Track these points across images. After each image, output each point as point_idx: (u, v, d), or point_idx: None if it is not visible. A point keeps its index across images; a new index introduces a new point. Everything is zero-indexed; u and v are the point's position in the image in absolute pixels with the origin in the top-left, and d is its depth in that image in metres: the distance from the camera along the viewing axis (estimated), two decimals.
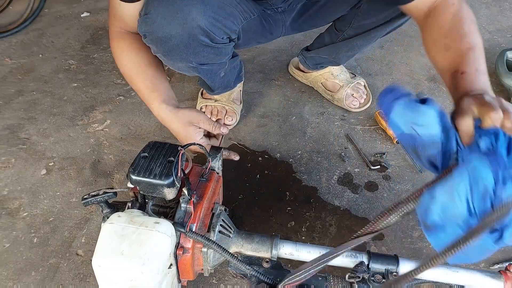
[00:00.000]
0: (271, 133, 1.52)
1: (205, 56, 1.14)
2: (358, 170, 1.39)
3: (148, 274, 0.76)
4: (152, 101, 1.11)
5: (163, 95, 1.11)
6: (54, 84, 1.76)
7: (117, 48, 1.15)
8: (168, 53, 1.09)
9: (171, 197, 0.87)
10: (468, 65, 0.85)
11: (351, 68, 1.72)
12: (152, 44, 1.09)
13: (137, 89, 1.16)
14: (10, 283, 1.13)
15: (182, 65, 1.16)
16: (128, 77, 1.16)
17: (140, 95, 1.15)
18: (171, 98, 1.13)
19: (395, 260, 0.91)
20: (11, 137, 1.54)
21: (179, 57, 1.11)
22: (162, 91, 1.12)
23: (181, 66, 1.17)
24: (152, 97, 1.11)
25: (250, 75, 1.74)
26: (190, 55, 1.11)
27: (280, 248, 0.95)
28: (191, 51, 1.09)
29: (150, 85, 1.12)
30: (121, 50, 1.15)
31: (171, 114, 1.10)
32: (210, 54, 1.14)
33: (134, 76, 1.14)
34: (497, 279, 0.91)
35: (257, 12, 1.26)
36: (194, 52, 1.10)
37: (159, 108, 1.11)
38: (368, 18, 1.30)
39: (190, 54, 1.10)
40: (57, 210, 1.30)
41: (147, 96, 1.13)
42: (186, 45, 1.07)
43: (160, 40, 1.06)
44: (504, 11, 2.05)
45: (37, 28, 2.09)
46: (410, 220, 1.25)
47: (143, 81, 1.13)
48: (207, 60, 1.16)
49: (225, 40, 1.14)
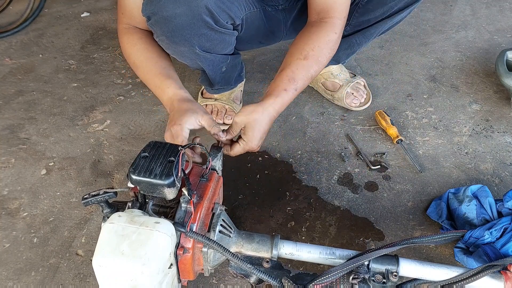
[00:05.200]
0: (271, 133, 1.52)
1: (209, 40, 1.14)
2: (358, 170, 1.39)
3: (148, 274, 0.76)
4: (168, 86, 1.10)
5: (178, 83, 1.11)
6: (54, 84, 1.76)
7: (127, 43, 1.16)
8: (171, 33, 1.09)
9: (172, 197, 0.87)
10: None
11: (351, 68, 1.72)
12: (156, 26, 1.10)
13: (149, 77, 1.14)
14: (10, 283, 1.13)
15: (186, 50, 1.16)
16: (140, 67, 1.16)
17: (152, 82, 1.14)
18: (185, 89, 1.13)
19: (395, 260, 0.91)
20: (11, 137, 1.54)
21: (183, 39, 1.11)
22: (176, 79, 1.12)
23: (185, 51, 1.17)
24: (167, 84, 1.10)
25: (250, 75, 1.74)
26: (193, 37, 1.11)
27: (281, 248, 0.95)
28: (195, 32, 1.09)
29: (164, 72, 1.12)
30: (131, 44, 1.16)
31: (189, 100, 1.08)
32: (213, 39, 1.15)
33: (146, 66, 1.14)
34: (497, 279, 0.91)
35: (258, 7, 1.29)
36: (198, 34, 1.10)
37: (176, 92, 1.08)
38: (366, 15, 1.32)
39: (194, 36, 1.10)
40: (57, 210, 1.30)
41: (160, 83, 1.11)
42: (190, 25, 1.07)
43: (165, 19, 1.06)
44: (504, 11, 2.06)
45: (37, 28, 2.09)
46: (410, 220, 1.25)
47: (157, 69, 1.13)
48: (210, 45, 1.17)
49: (229, 25, 1.15)
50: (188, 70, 1.76)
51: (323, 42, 1.12)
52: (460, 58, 1.80)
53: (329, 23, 1.13)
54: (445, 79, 1.70)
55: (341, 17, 1.15)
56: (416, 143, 1.46)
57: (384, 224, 1.24)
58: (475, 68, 1.74)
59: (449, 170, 1.37)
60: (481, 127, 1.50)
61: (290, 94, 1.08)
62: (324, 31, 1.13)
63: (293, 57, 1.11)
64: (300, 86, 1.09)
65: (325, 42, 1.12)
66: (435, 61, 1.79)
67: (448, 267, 0.92)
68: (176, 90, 1.09)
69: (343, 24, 1.16)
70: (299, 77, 1.09)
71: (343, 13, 1.15)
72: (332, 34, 1.13)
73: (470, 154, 1.42)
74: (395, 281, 0.89)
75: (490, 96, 1.62)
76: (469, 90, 1.65)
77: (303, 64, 1.09)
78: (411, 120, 1.54)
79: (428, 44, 1.88)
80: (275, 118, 1.09)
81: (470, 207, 1.16)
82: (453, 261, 1.13)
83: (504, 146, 1.44)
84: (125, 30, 1.17)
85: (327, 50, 1.13)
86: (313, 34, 1.13)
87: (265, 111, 1.05)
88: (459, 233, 1.07)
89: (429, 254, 1.17)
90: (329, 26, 1.13)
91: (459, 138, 1.47)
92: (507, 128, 1.49)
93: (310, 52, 1.10)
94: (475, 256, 1.05)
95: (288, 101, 1.09)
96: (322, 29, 1.13)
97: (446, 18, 2.02)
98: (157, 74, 1.12)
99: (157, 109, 1.62)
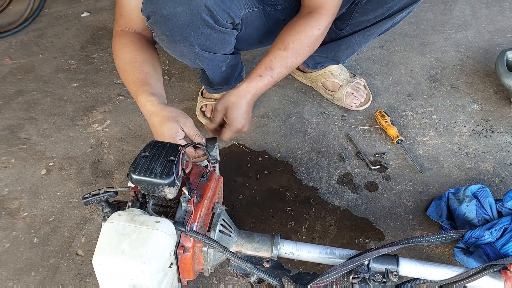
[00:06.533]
0: (271, 133, 1.52)
1: (208, 40, 1.14)
2: (358, 170, 1.39)
3: (149, 273, 0.76)
4: (141, 93, 1.06)
5: (153, 90, 1.08)
6: (54, 84, 1.76)
7: (118, 44, 1.16)
8: (171, 32, 1.09)
9: (172, 197, 0.87)
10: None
11: (351, 68, 1.73)
12: (155, 25, 1.10)
13: (128, 82, 1.12)
14: (10, 283, 1.13)
15: (185, 49, 1.16)
16: (122, 70, 1.15)
17: (129, 88, 1.12)
18: (161, 96, 1.09)
19: (395, 260, 0.91)
20: (11, 137, 1.54)
21: (182, 38, 1.11)
22: (153, 86, 1.09)
23: (184, 51, 1.17)
24: (141, 90, 1.07)
25: None
26: (193, 36, 1.11)
27: (281, 248, 0.95)
28: (194, 31, 1.10)
29: (142, 78, 1.09)
30: (121, 46, 1.16)
31: (159, 107, 1.04)
32: (213, 39, 1.15)
33: (127, 69, 1.13)
34: (497, 279, 0.91)
35: (258, 7, 1.29)
36: (197, 33, 1.10)
37: (146, 100, 1.05)
38: (366, 14, 1.32)
39: (193, 35, 1.11)
40: (57, 210, 1.30)
41: (135, 89, 1.08)
42: (190, 24, 1.07)
43: (164, 18, 1.06)
44: (504, 11, 2.06)
45: (37, 28, 2.09)
46: (410, 220, 1.25)
47: (135, 74, 1.10)
48: (210, 44, 1.17)
49: (228, 24, 1.16)
50: (188, 70, 1.76)
51: (305, 36, 1.18)
52: (460, 58, 1.80)
53: (315, 18, 1.18)
54: (445, 79, 1.70)
55: (329, 14, 1.18)
56: (416, 143, 1.46)
57: (384, 224, 1.24)
58: (475, 68, 1.75)
59: (449, 170, 1.37)
60: (481, 127, 1.50)
61: (265, 80, 1.18)
62: (308, 26, 1.18)
63: (274, 47, 1.19)
64: (277, 74, 1.18)
65: (307, 37, 1.18)
66: (435, 61, 1.79)
67: (448, 267, 0.92)
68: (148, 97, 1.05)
69: (330, 20, 1.20)
70: (276, 65, 1.17)
71: (332, 10, 1.18)
72: (315, 30, 1.18)
73: (470, 154, 1.42)
74: (395, 281, 0.89)
75: (490, 96, 1.62)
76: (469, 90, 1.65)
77: (282, 54, 1.17)
78: (411, 120, 1.54)
79: (428, 44, 1.88)
80: (252, 100, 1.20)
81: (470, 207, 1.16)
82: (453, 261, 1.13)
83: (504, 146, 1.44)
84: (119, 33, 1.17)
85: (308, 45, 1.19)
86: (298, 27, 1.18)
87: (240, 93, 1.17)
88: (459, 233, 1.07)
89: (429, 254, 1.17)
90: (314, 22, 1.17)
91: (459, 138, 1.47)
92: (507, 128, 1.50)
93: (290, 44, 1.17)
94: (475, 256, 1.05)
95: (263, 86, 1.19)
96: (307, 24, 1.18)
97: (446, 18, 2.02)
98: (135, 79, 1.10)
99: None
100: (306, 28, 1.18)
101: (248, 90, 1.18)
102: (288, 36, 1.17)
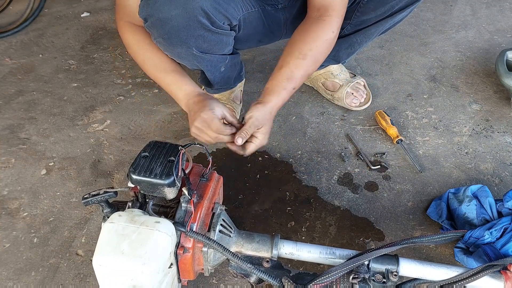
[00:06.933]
0: (271, 133, 1.51)
1: (206, 42, 1.15)
2: (358, 170, 1.39)
3: (149, 274, 0.76)
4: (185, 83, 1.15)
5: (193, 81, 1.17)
6: (54, 84, 1.76)
7: (133, 40, 1.18)
8: (168, 35, 1.10)
9: (172, 197, 0.87)
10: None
11: (351, 68, 1.72)
12: (152, 28, 1.10)
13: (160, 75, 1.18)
14: (10, 283, 1.13)
15: (183, 51, 1.16)
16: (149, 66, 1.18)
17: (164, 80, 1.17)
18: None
19: (395, 260, 0.91)
20: (11, 137, 1.54)
21: (179, 41, 1.11)
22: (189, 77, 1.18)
23: (182, 53, 1.17)
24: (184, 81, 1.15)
25: (250, 75, 1.74)
26: (190, 39, 1.11)
27: (281, 248, 0.95)
28: (191, 34, 1.10)
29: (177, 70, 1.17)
30: (140, 43, 1.17)
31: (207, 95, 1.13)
32: (210, 41, 1.15)
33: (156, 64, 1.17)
34: (497, 279, 0.91)
35: (257, 7, 1.29)
36: (194, 35, 1.11)
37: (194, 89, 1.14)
38: (367, 13, 1.32)
39: (190, 38, 1.11)
40: (57, 210, 1.30)
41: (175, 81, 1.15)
42: (186, 27, 1.07)
43: (161, 21, 1.06)
44: (504, 11, 2.06)
45: (37, 28, 2.09)
46: (410, 220, 1.25)
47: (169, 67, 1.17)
48: (207, 46, 1.17)
49: (225, 26, 1.15)
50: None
51: (321, 42, 1.16)
52: (460, 58, 1.80)
53: (327, 21, 1.16)
54: (445, 79, 1.70)
55: (339, 15, 1.17)
56: (416, 143, 1.46)
57: (384, 224, 1.24)
58: (475, 68, 1.75)
59: (449, 170, 1.37)
60: (481, 127, 1.50)
61: (289, 93, 1.14)
62: (322, 30, 1.16)
63: (291, 56, 1.14)
64: (298, 85, 1.16)
65: (323, 42, 1.16)
66: (435, 61, 1.79)
67: (448, 267, 0.92)
68: (194, 88, 1.15)
69: (340, 22, 1.19)
70: (297, 76, 1.14)
71: (341, 11, 1.18)
72: (330, 33, 1.16)
73: (470, 154, 1.42)
74: (395, 281, 0.89)
75: (490, 96, 1.62)
76: (469, 90, 1.65)
77: (302, 64, 1.14)
78: (411, 120, 1.54)
79: (428, 44, 1.88)
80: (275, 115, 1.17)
81: (470, 207, 1.16)
82: (453, 261, 1.13)
83: (504, 146, 1.44)
84: (128, 27, 1.18)
85: (325, 50, 1.18)
86: (312, 33, 1.16)
87: (271, 110, 1.13)
88: (459, 233, 1.07)
89: (429, 254, 1.17)
90: (327, 25, 1.16)
91: (459, 138, 1.47)
92: (507, 128, 1.50)
93: (308, 52, 1.14)
94: (475, 256, 1.05)
95: (286, 99, 1.16)
96: (320, 28, 1.16)
97: (446, 18, 2.02)
98: (169, 72, 1.16)
99: (157, 109, 1.62)
100: (320, 33, 1.16)
101: (277, 105, 1.14)
102: (305, 44, 1.14)
